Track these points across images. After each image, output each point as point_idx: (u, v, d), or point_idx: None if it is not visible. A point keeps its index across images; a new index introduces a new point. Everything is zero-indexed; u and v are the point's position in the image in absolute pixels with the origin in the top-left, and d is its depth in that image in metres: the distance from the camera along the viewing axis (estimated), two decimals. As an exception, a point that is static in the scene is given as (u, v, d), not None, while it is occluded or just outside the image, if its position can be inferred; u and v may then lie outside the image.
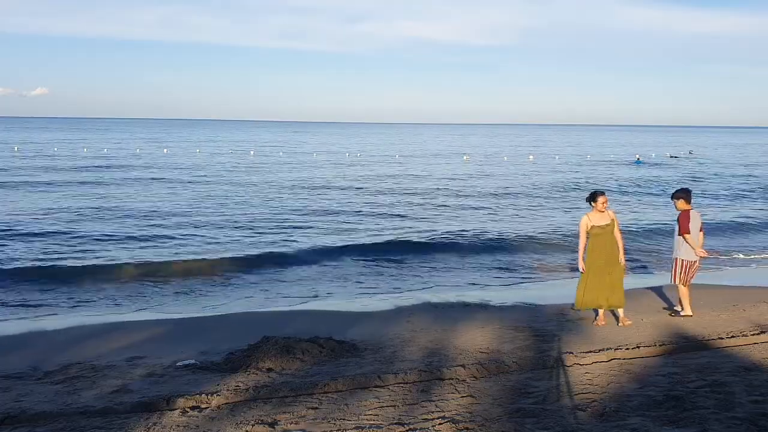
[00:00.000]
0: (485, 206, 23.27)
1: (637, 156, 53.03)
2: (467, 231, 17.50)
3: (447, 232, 17.34)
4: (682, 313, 8.72)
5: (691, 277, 8.64)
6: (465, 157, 53.97)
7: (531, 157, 55.07)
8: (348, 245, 15.26)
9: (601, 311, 8.43)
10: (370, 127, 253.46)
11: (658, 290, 10.37)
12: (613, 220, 8.42)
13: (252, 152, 55.71)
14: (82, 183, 28.29)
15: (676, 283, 8.69)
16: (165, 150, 54.83)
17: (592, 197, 8.48)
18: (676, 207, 8.79)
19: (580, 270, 8.42)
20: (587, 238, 8.35)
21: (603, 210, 8.34)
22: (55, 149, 53.64)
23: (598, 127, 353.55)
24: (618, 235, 8.42)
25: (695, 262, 8.59)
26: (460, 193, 27.22)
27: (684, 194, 8.75)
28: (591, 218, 8.37)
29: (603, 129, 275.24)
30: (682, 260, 8.58)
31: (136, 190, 26.01)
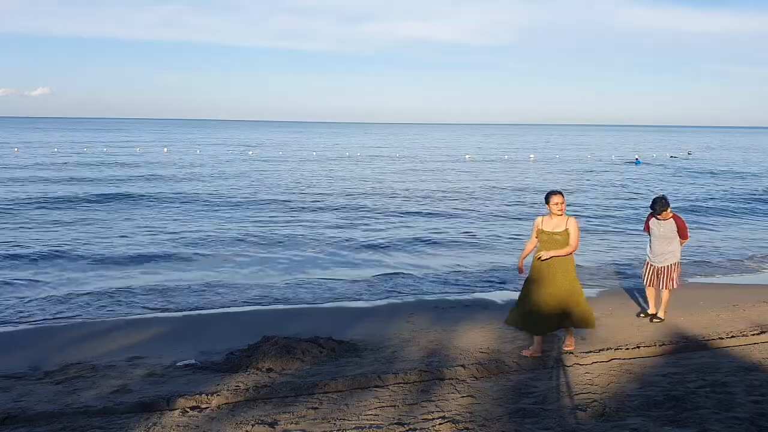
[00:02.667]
0: (486, 205, 23.27)
1: (637, 156, 53.08)
2: (467, 230, 17.51)
3: (448, 230, 17.36)
4: (660, 315, 8.56)
5: None
6: (467, 156, 54.24)
7: (532, 156, 55.18)
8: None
9: (537, 338, 7.12)
10: (372, 127, 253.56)
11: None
12: (567, 230, 6.99)
13: (251, 152, 55.81)
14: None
15: (675, 287, 8.55)
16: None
17: (546, 197, 7.23)
18: (663, 217, 8.41)
19: (518, 269, 7.50)
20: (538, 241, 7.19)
21: (559, 214, 7.03)
22: (56, 149, 53.65)
23: (598, 127, 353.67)
24: (569, 245, 6.98)
25: None
26: (462, 192, 27.24)
27: (668, 203, 8.49)
28: (544, 221, 7.14)
29: (603, 129, 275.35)
30: (679, 263, 8.55)
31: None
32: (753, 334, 7.58)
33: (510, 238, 16.53)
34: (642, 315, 8.82)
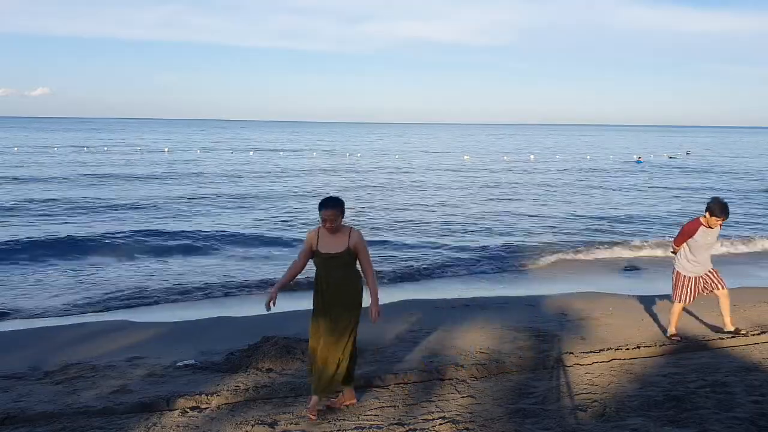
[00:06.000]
0: (488, 205, 23.28)
1: (637, 156, 53.09)
2: (468, 231, 17.52)
3: (448, 227, 17.37)
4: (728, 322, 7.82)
5: None
6: (466, 157, 54.10)
7: (532, 156, 55.18)
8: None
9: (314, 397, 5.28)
10: (372, 127, 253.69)
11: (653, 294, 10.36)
12: (352, 247, 5.17)
13: (251, 152, 55.83)
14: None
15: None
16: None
17: (319, 205, 5.19)
18: (714, 222, 7.32)
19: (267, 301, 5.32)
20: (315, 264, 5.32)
21: (333, 231, 5.17)
22: (55, 148, 53.60)
23: (598, 127, 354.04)
24: (367, 273, 5.31)
25: None
26: (462, 191, 27.26)
27: None
28: (319, 236, 5.21)
29: (603, 129, 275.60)
30: None
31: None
32: (753, 334, 7.58)
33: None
34: (677, 338, 7.52)
